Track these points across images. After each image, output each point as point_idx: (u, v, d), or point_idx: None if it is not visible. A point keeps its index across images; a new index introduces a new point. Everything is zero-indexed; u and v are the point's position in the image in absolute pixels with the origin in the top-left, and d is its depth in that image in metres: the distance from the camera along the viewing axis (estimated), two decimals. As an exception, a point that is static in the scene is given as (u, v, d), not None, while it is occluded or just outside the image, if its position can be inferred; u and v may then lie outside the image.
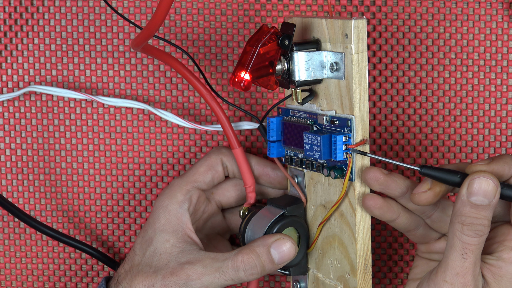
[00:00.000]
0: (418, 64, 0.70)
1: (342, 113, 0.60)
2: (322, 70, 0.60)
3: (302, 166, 0.64)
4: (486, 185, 0.55)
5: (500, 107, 0.71)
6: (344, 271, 0.62)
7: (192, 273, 0.62)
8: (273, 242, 0.61)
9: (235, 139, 0.66)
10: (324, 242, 0.64)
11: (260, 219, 0.64)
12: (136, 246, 0.65)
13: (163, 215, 0.65)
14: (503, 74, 0.70)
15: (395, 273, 0.73)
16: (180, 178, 0.66)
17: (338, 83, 0.59)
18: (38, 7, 0.72)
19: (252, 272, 0.61)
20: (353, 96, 0.58)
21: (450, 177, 0.57)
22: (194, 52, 0.71)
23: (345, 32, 0.58)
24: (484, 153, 0.71)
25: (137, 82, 0.72)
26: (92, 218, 0.73)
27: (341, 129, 0.60)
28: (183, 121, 0.69)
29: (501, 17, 0.70)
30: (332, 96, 0.60)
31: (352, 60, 0.58)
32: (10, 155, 0.73)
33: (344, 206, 0.61)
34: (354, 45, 0.58)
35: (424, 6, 0.70)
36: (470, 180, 0.56)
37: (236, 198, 0.69)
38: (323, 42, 0.60)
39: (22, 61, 0.72)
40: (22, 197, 0.73)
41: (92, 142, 0.73)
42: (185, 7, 0.71)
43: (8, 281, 0.74)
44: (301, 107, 0.63)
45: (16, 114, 0.73)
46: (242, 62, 0.59)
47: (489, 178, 0.55)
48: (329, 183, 0.62)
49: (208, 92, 0.66)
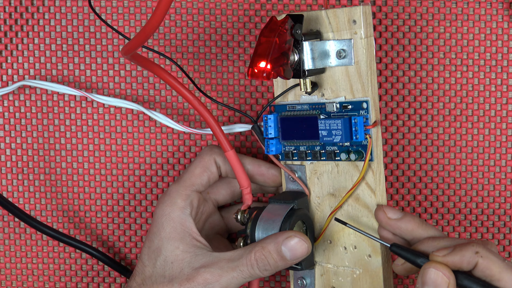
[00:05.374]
0: (418, 64, 0.70)
1: (353, 97, 0.62)
2: (327, 59, 0.62)
3: (306, 158, 0.65)
4: (436, 277, 0.56)
5: (500, 107, 0.71)
6: (364, 254, 0.64)
7: (210, 276, 0.62)
8: (284, 240, 0.61)
9: (226, 142, 0.66)
10: (334, 231, 0.65)
11: (269, 217, 0.64)
12: (144, 257, 0.65)
13: (168, 223, 0.64)
14: (503, 74, 0.70)
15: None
16: (177, 183, 0.66)
17: (346, 69, 0.62)
18: (39, 7, 0.72)
19: (266, 269, 0.62)
20: (366, 79, 0.61)
21: (414, 259, 0.59)
22: (183, 51, 0.71)
23: (353, 19, 0.60)
24: (484, 153, 0.71)
25: (137, 82, 0.72)
26: (93, 218, 0.73)
27: (355, 112, 0.62)
28: (176, 124, 0.69)
29: (501, 17, 0.70)
30: (338, 83, 0.62)
31: (362, 45, 0.61)
32: (10, 155, 0.73)
33: (360, 189, 0.63)
34: (363, 30, 0.60)
35: (424, 6, 0.70)
36: (422, 270, 0.57)
37: (231, 195, 0.69)
38: (324, 32, 0.62)
39: (22, 60, 0.72)
40: (22, 197, 0.73)
41: (93, 142, 0.73)
42: (173, 7, 0.71)
43: (9, 281, 0.74)
44: (299, 101, 0.64)
45: (16, 114, 0.73)
46: (259, 53, 0.59)
47: (439, 270, 0.56)
48: (338, 170, 0.64)
49: (195, 98, 0.65)
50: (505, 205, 0.71)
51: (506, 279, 0.56)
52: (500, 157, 0.71)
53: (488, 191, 0.71)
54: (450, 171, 0.71)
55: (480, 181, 0.71)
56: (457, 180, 0.71)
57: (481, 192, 0.71)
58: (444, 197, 0.71)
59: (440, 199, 0.71)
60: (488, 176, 0.71)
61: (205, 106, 0.66)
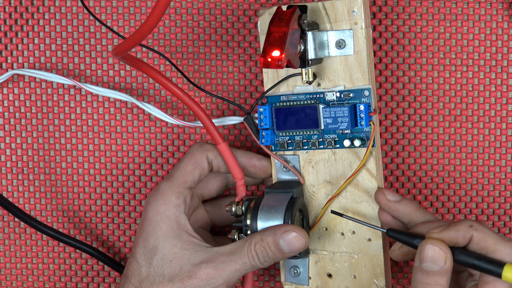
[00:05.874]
0: (418, 64, 0.70)
1: (353, 86, 0.64)
2: (326, 49, 0.64)
3: (302, 148, 0.66)
4: (433, 252, 0.57)
5: (500, 107, 0.71)
6: (363, 239, 0.65)
7: (212, 271, 0.62)
8: (282, 233, 0.62)
9: (218, 135, 0.66)
10: (330, 218, 0.66)
11: (270, 206, 0.64)
12: (139, 257, 0.64)
13: (164, 222, 0.64)
14: (503, 74, 0.70)
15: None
16: (169, 180, 0.66)
17: (345, 59, 0.64)
18: (39, 7, 0.72)
19: (265, 260, 0.62)
20: (366, 68, 0.63)
21: (411, 240, 0.60)
22: (183, 51, 0.71)
23: (353, 9, 0.63)
24: (484, 153, 0.71)
25: (137, 82, 0.72)
26: (92, 218, 0.73)
27: (356, 100, 0.64)
28: (170, 118, 0.69)
29: (501, 17, 0.70)
30: (337, 73, 0.64)
31: (363, 35, 0.63)
32: (10, 155, 0.73)
33: (360, 175, 0.65)
34: (364, 20, 0.63)
35: (424, 6, 0.70)
36: (419, 248, 0.58)
37: (217, 189, 0.70)
38: (321, 23, 0.64)
39: (22, 61, 0.72)
40: (22, 197, 0.73)
41: (93, 142, 0.73)
42: (173, 7, 0.71)
43: (9, 281, 0.74)
44: (292, 91, 0.66)
45: (16, 114, 0.73)
46: (271, 42, 0.60)
47: (435, 245, 0.57)
48: (336, 158, 0.65)
49: (184, 94, 0.66)
50: (505, 205, 0.71)
51: (501, 249, 0.57)
52: (500, 157, 0.71)
53: (488, 191, 0.71)
54: (450, 171, 0.71)
55: (480, 181, 0.71)
56: (457, 180, 0.71)
57: (481, 192, 0.71)
58: (444, 197, 0.71)
59: (440, 199, 0.71)
60: (488, 176, 0.71)
61: (195, 101, 0.66)
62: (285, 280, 0.68)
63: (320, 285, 0.67)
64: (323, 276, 0.67)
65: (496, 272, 0.57)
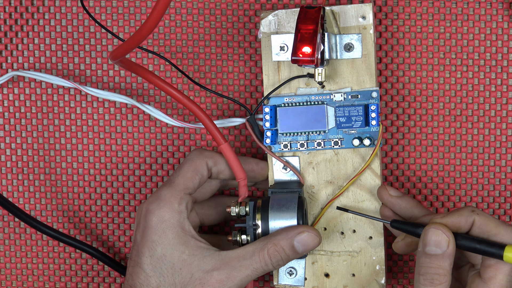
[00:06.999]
0: (418, 64, 0.71)
1: (359, 88, 0.66)
2: (333, 52, 0.66)
3: (307, 148, 0.67)
4: (436, 235, 0.58)
5: (500, 107, 0.71)
6: (364, 236, 0.67)
7: (224, 278, 0.62)
8: (296, 235, 0.63)
9: (220, 135, 0.66)
10: (329, 218, 0.67)
11: (280, 206, 0.64)
12: (147, 268, 0.63)
13: (170, 230, 0.63)
14: (503, 74, 0.70)
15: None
16: (170, 187, 0.65)
17: (352, 62, 0.66)
18: (39, 7, 0.72)
19: (279, 264, 0.63)
20: (374, 70, 0.66)
21: (414, 230, 0.61)
22: (183, 51, 0.71)
23: (363, 15, 0.65)
24: (484, 153, 0.71)
25: (137, 82, 0.72)
26: (92, 218, 0.73)
27: (364, 102, 0.66)
28: (171, 119, 0.69)
29: (501, 17, 0.70)
30: (344, 75, 0.66)
31: (371, 39, 0.65)
32: (10, 155, 0.73)
33: (364, 175, 0.67)
34: (372, 25, 0.65)
35: (424, 6, 0.70)
36: (423, 233, 0.59)
37: (210, 193, 0.69)
38: (328, 27, 0.66)
39: (22, 61, 0.72)
40: (22, 197, 0.73)
41: (93, 142, 0.73)
42: (173, 7, 0.71)
43: (9, 281, 0.74)
44: (295, 93, 0.67)
45: (16, 115, 0.73)
46: (300, 40, 0.62)
47: (438, 229, 0.59)
48: (338, 158, 0.67)
49: (184, 97, 0.65)
50: (505, 205, 0.71)
51: (502, 232, 0.59)
52: (500, 157, 0.71)
53: (488, 191, 0.71)
54: (450, 171, 0.71)
55: (480, 181, 0.71)
56: (457, 180, 0.71)
57: (481, 192, 0.71)
58: (444, 197, 0.71)
59: (440, 199, 0.71)
60: (488, 176, 0.71)
61: (195, 103, 0.66)
62: (279, 282, 0.68)
63: (316, 285, 0.67)
64: (319, 276, 0.67)
65: (498, 254, 0.58)
